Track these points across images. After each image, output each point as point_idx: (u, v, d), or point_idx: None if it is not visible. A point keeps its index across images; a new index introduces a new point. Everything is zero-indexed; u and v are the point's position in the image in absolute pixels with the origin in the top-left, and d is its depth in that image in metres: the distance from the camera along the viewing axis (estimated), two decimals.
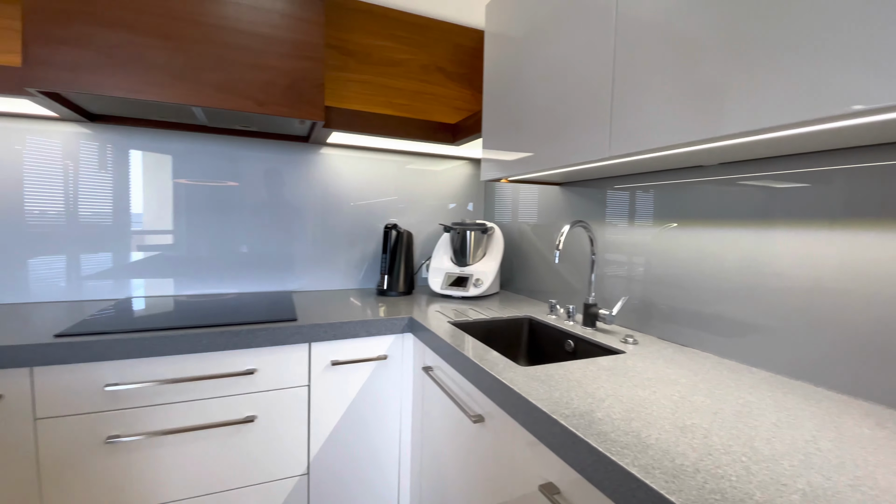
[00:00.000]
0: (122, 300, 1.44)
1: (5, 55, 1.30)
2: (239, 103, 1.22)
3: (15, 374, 0.97)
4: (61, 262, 1.43)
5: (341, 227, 1.81)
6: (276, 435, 1.22)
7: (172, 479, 1.12)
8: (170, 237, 1.56)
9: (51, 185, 1.40)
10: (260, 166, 1.66)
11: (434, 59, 1.87)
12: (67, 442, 1.02)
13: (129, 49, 1.11)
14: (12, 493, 0.99)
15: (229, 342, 1.13)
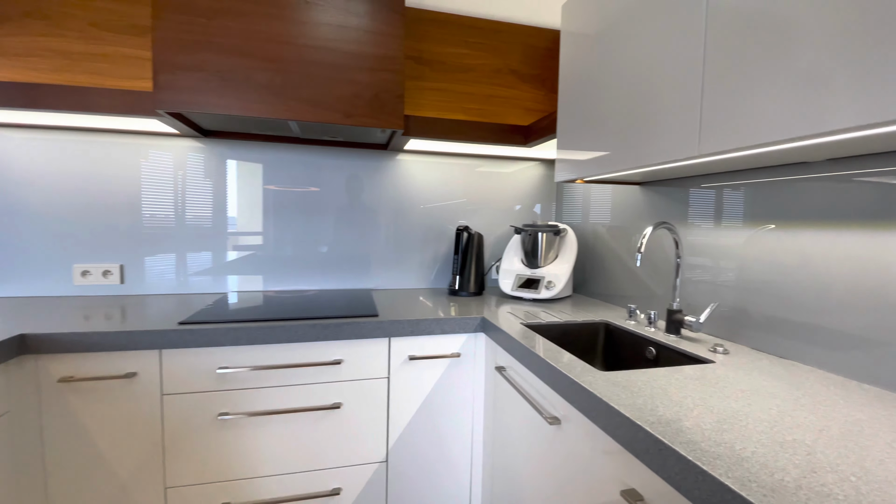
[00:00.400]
0: (225, 294, 1.63)
1: (140, 81, 1.53)
2: (329, 116, 1.33)
3: (147, 355, 1.15)
4: (171, 260, 1.65)
5: (414, 229, 1.88)
6: (359, 422, 1.31)
7: (270, 455, 1.24)
8: (259, 238, 1.73)
9: (164, 193, 1.62)
10: (340, 173, 1.78)
11: (506, 61, 1.88)
12: (186, 416, 1.18)
13: (238, 72, 1.25)
14: (142, 456, 1.16)
15: (320, 334, 1.23)
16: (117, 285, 1.59)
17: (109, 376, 1.11)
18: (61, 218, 1.54)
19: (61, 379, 1.09)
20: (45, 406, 1.10)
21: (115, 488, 1.15)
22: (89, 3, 1.49)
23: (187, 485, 1.20)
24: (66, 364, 1.10)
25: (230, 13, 1.24)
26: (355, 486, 1.32)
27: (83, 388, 1.11)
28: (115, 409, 1.13)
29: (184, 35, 1.22)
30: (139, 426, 1.15)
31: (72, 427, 1.11)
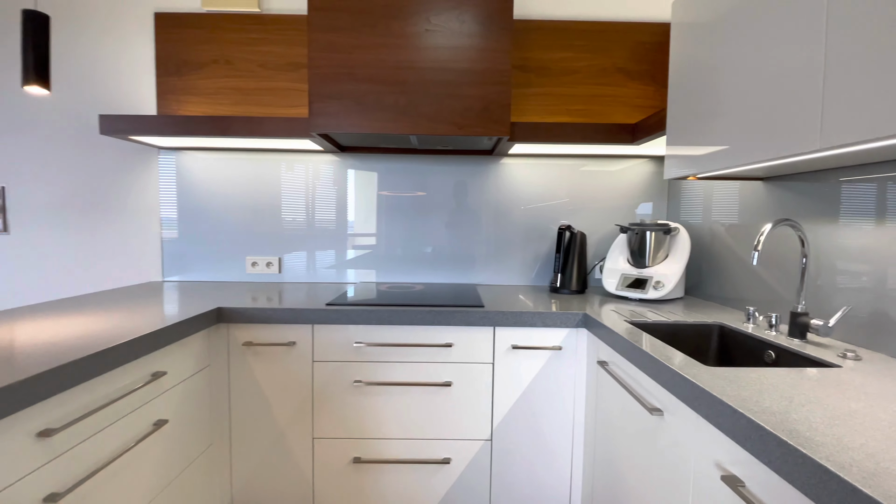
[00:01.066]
0: (352, 284, 1.91)
1: (296, 109, 1.88)
2: (444, 129, 1.50)
3: (303, 329, 1.43)
4: (303, 256, 1.98)
5: (516, 228, 1.98)
6: (467, 401, 1.46)
7: (393, 420, 1.45)
8: (373, 239, 1.98)
9: (306, 200, 1.95)
10: (446, 178, 1.95)
11: (612, 60, 1.88)
12: (330, 380, 1.44)
13: (371, 97, 1.49)
14: (296, 411, 1.45)
15: (434, 319, 1.41)
16: (276, 274, 1.97)
17: (277, 343, 1.42)
18: (237, 221, 1.96)
19: (244, 343, 1.42)
20: (233, 362, 1.44)
21: (277, 431, 1.45)
22: (258, 49, 1.87)
23: (329, 437, 1.46)
24: (247, 332, 1.43)
25: (365, 48, 1.48)
26: (463, 458, 1.47)
27: (259, 351, 1.43)
28: (280, 370, 1.44)
29: (330, 70, 1.49)
30: (296, 385, 1.44)
31: (249, 380, 1.44)
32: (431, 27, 1.49)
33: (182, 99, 1.88)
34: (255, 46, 1.87)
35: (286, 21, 1.86)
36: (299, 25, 1.86)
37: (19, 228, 1.95)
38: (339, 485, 1.47)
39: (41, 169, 1.93)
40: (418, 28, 1.49)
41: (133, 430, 1.06)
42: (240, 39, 1.86)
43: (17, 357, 0.87)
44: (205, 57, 1.88)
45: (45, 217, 1.95)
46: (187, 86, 1.88)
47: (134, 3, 1.88)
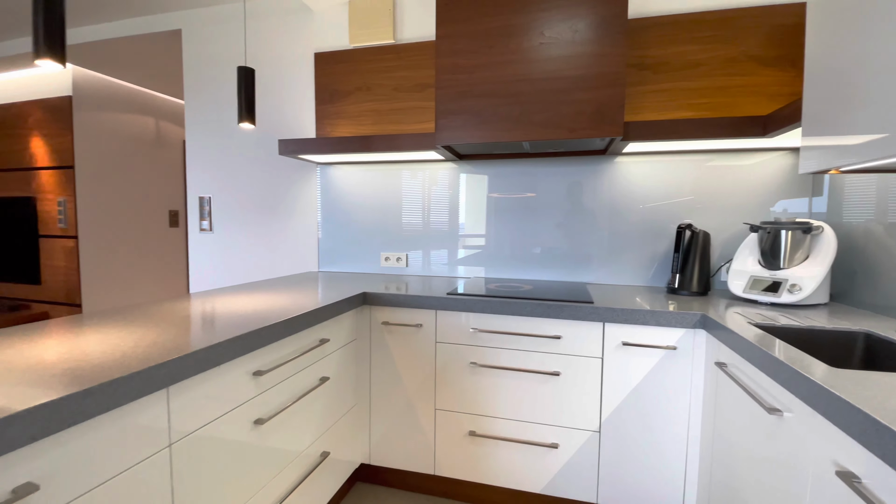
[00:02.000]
0: (466, 279, 2.10)
1: (423, 124, 2.14)
2: (557, 133, 1.60)
3: (428, 314, 1.66)
4: (424, 253, 2.22)
5: (631, 228, 1.97)
6: (575, 392, 1.53)
7: (504, 402, 1.60)
8: (482, 239, 2.14)
9: (427, 203, 2.19)
10: (556, 178, 2.02)
11: (743, 48, 1.77)
12: (450, 359, 1.65)
13: (489, 109, 1.66)
14: (422, 383, 1.68)
15: (543, 312, 1.52)
16: (403, 267, 2.26)
17: (407, 324, 1.67)
18: (373, 222, 2.30)
19: (382, 322, 1.70)
20: (373, 338, 1.73)
21: (406, 400, 1.71)
22: (393, 75, 2.18)
23: (448, 410, 1.66)
24: (385, 313, 1.71)
25: (484, 67, 1.66)
26: (570, 445, 1.55)
27: (393, 330, 1.70)
28: (409, 347, 1.69)
29: (453, 89, 1.70)
30: (422, 361, 1.68)
31: (386, 354, 1.72)
32: (545, 40, 1.61)
33: (334, 122, 2.28)
34: (390, 73, 2.18)
35: (415, 48, 2.13)
36: (426, 51, 2.12)
37: (220, 228, 2.56)
38: (456, 453, 1.67)
39: (235, 183, 2.51)
40: (532, 43, 1.61)
41: (307, 381, 1.38)
42: (378, 68, 2.19)
43: (234, 320, 1.23)
44: (351, 86, 2.25)
45: (237, 219, 2.52)
46: (337, 111, 2.27)
47: (302, 48, 2.34)
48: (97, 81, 3.34)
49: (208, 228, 2.57)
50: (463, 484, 1.74)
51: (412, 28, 2.15)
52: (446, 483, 1.76)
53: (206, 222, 2.57)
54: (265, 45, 2.41)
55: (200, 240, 2.60)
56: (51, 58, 0.91)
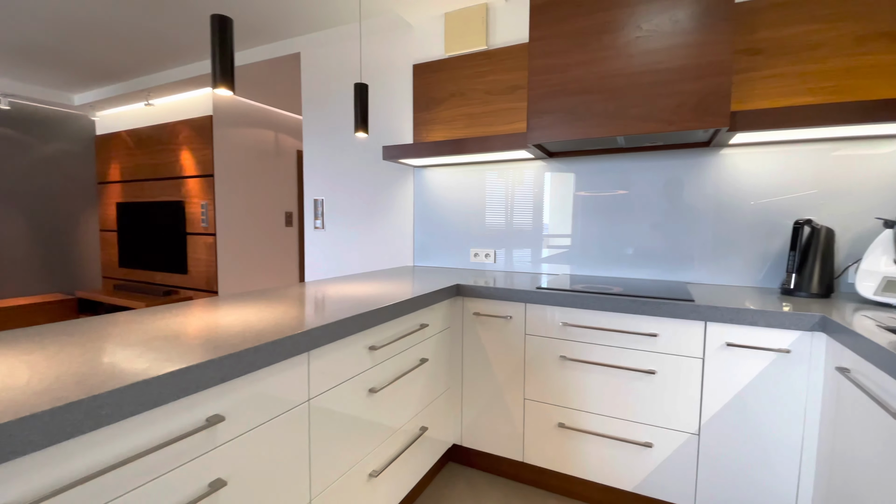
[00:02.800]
0: (555, 276, 2.12)
1: (513, 125, 2.22)
2: (655, 127, 1.58)
3: (518, 306, 1.73)
4: (511, 250, 2.27)
5: (737, 224, 1.84)
6: (672, 392, 1.50)
7: (595, 397, 1.61)
8: (568, 240, 2.13)
9: (507, 202, 2.25)
10: (651, 174, 1.96)
11: (875, 24, 1.58)
12: (539, 352, 1.70)
13: (582, 106, 1.69)
14: (511, 373, 1.75)
15: (639, 308, 1.51)
16: (492, 263, 2.35)
17: (497, 315, 1.76)
18: (463, 220, 2.42)
19: (474, 313, 1.81)
20: (465, 327, 1.84)
21: (496, 387, 1.79)
22: (485, 79, 2.29)
23: (537, 400, 1.72)
24: (476, 304, 1.81)
25: (577, 65, 1.69)
26: (665, 446, 1.52)
27: (484, 320, 1.80)
28: (499, 338, 1.77)
29: (545, 89, 1.75)
30: (511, 352, 1.75)
31: (477, 342, 1.82)
32: (642, 33, 1.59)
33: (429, 128, 2.45)
34: (482, 77, 2.28)
35: (506, 52, 2.21)
36: (517, 54, 2.19)
37: (331, 226, 2.87)
38: (545, 443, 1.71)
39: (344, 186, 2.80)
40: (629, 37, 1.61)
41: (409, 360, 1.53)
42: (470, 74, 2.31)
43: (352, 302, 1.41)
44: (445, 92, 2.40)
45: (344, 218, 2.81)
46: (433, 117, 2.44)
47: (402, 62, 2.55)
48: (231, 102, 3.92)
49: (321, 226, 2.90)
50: (551, 474, 1.78)
51: (503, 33, 2.23)
52: (535, 471, 1.81)
53: (318, 221, 2.90)
54: (370, 60, 2.66)
55: (314, 236, 2.94)
56: (225, 86, 1.17)
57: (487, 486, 1.81)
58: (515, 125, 2.22)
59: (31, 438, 0.58)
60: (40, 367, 0.76)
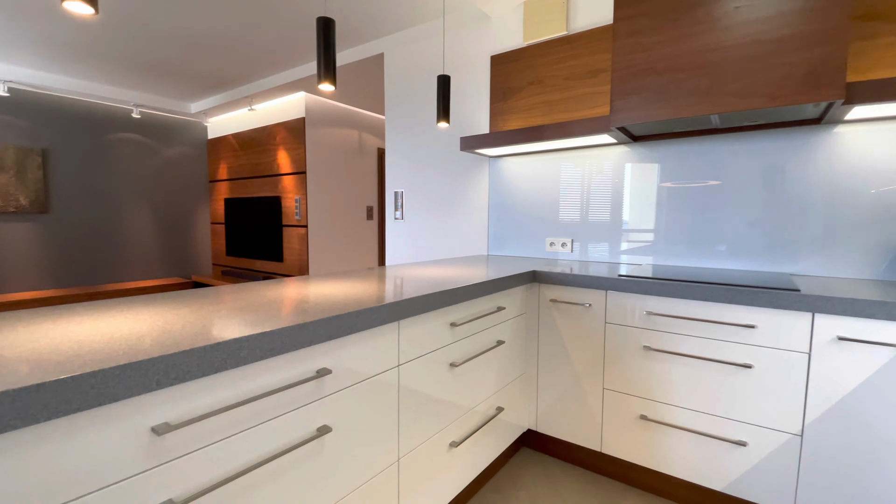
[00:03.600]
0: (640, 265, 2.04)
1: (594, 110, 2.17)
2: (755, 103, 1.46)
3: (597, 294, 1.70)
4: (589, 240, 2.21)
5: (856, 212, 1.64)
6: (770, 388, 1.39)
7: (681, 390, 1.54)
8: (650, 234, 2.03)
9: (593, 189, 2.19)
10: (750, 158, 1.80)
11: None
12: (620, 341, 1.66)
13: (671, 85, 1.61)
14: (589, 361, 1.73)
15: (733, 297, 1.42)
16: (568, 252, 2.32)
17: (576, 303, 1.74)
18: (539, 210, 2.42)
19: (551, 300, 1.81)
20: (542, 314, 1.85)
21: (573, 374, 1.78)
22: (564, 64, 2.26)
23: (617, 391, 1.68)
24: (553, 291, 1.81)
25: (666, 42, 1.61)
26: (762, 446, 1.41)
27: (562, 307, 1.79)
28: (577, 325, 1.76)
29: (631, 70, 1.69)
30: (590, 340, 1.73)
31: (553, 329, 1.82)
32: (742, 3, 1.48)
33: (506, 118, 2.47)
34: (562, 63, 2.26)
35: (587, 36, 2.17)
36: (599, 36, 2.13)
37: (410, 217, 3.01)
38: (625, 435, 1.67)
39: (422, 178, 2.92)
40: (726, 9, 1.50)
41: (487, 340, 1.58)
42: (549, 61, 2.30)
43: (433, 283, 1.49)
44: (523, 81, 2.40)
45: (422, 209, 2.94)
46: (509, 107, 2.46)
47: (481, 53, 2.60)
48: (320, 104, 4.24)
49: (400, 217, 3.05)
50: (631, 467, 1.73)
51: (584, 17, 2.19)
52: (613, 463, 1.78)
53: (398, 212, 3.06)
54: (448, 55, 2.74)
55: (394, 227, 3.11)
56: (328, 82, 1.31)
57: (563, 474, 1.80)
58: (596, 110, 2.16)
59: (188, 369, 0.72)
60: (188, 318, 0.92)
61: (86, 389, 0.60)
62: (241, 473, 0.80)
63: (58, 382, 0.58)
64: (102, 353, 0.68)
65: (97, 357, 0.66)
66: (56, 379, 0.58)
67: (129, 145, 4.73)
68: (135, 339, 0.76)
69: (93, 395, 0.61)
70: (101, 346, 0.72)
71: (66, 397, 0.58)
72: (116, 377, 0.63)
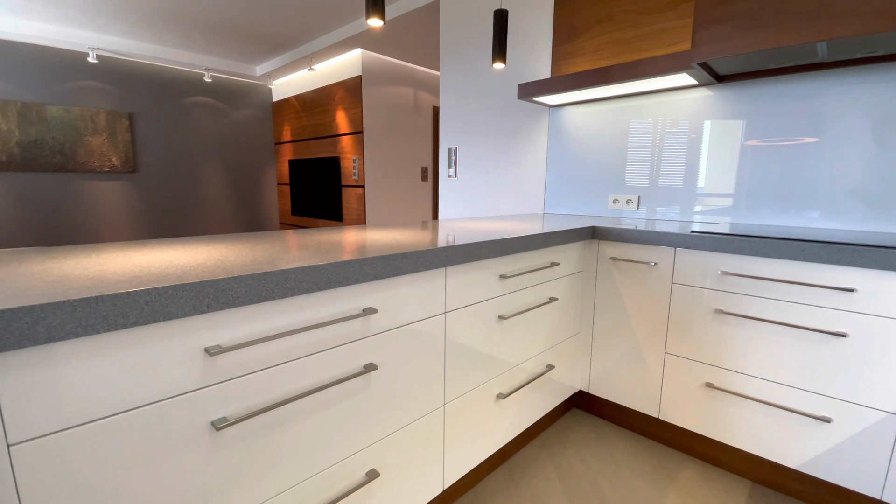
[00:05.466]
0: (718, 223, 1.84)
1: (671, 48, 1.93)
2: (872, 25, 1.20)
3: (665, 252, 1.56)
4: (657, 197, 2.01)
5: None
6: (867, 361, 1.21)
7: (756, 357, 1.39)
8: (729, 199, 1.80)
9: (653, 143, 1.97)
10: (860, 101, 1.51)
11: None
12: (688, 303, 1.52)
13: (769, 8, 1.37)
14: (650, 323, 1.61)
15: (829, 256, 1.23)
16: (634, 210, 2.15)
17: (639, 261, 1.61)
18: (601, 164, 2.24)
19: (611, 258, 1.69)
20: (600, 272, 1.74)
21: (631, 337, 1.68)
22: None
23: (680, 356, 1.56)
24: (614, 249, 1.69)
25: None
26: (850, 424, 1.25)
27: (623, 266, 1.67)
28: (639, 285, 1.63)
29: None
30: (653, 301, 1.61)
31: (612, 289, 1.71)
32: None
33: (570, 61, 2.28)
34: None
35: None
36: None
37: (463, 174, 2.94)
38: (687, 402, 1.56)
39: (477, 133, 2.82)
40: None
41: (538, 296, 1.52)
42: None
43: (484, 233, 1.43)
44: (590, 19, 2.18)
45: (475, 166, 2.85)
46: (574, 49, 2.25)
47: None
48: (376, 61, 4.19)
49: (454, 175, 2.99)
50: (691, 436, 1.63)
51: None
52: (671, 430, 1.68)
53: (452, 170, 2.99)
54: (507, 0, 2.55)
55: (447, 184, 3.05)
56: (376, 16, 1.26)
57: (616, 437, 1.74)
58: (675, 47, 1.92)
59: (237, 295, 0.73)
60: (243, 252, 0.95)
61: (141, 306, 0.63)
62: (289, 400, 0.83)
63: (115, 296, 0.61)
64: (159, 276, 0.71)
65: (153, 279, 0.69)
66: (113, 293, 0.60)
67: (203, 108, 5.01)
68: (191, 266, 0.79)
69: (148, 312, 0.64)
70: (159, 270, 0.75)
71: (123, 311, 0.61)
72: (169, 296, 0.65)
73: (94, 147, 4.33)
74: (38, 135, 4.03)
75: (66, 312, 0.57)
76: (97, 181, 4.43)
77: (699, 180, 1.93)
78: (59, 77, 4.12)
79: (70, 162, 4.22)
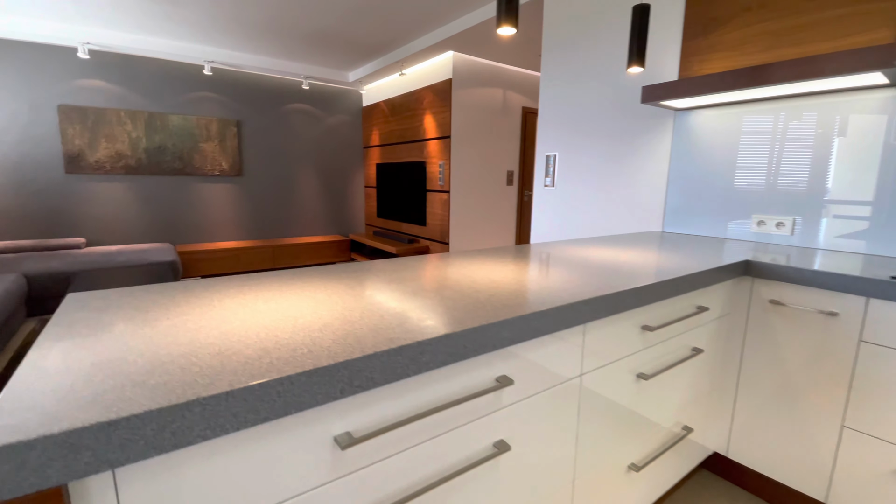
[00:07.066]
0: None
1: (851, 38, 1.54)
2: None
3: (852, 300, 1.22)
4: (819, 219, 1.61)
5: None
6: None
7: None
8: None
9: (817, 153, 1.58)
10: None
11: None
12: (883, 369, 1.18)
13: None
14: (822, 388, 1.29)
15: None
16: (787, 235, 1.78)
17: (812, 309, 1.29)
18: (742, 178, 1.89)
19: (771, 300, 1.38)
20: (752, 316, 1.44)
21: (790, 400, 1.36)
22: None
23: (865, 433, 1.22)
24: (775, 290, 1.38)
25: None
26: None
27: (786, 312, 1.36)
28: (808, 338, 1.31)
29: None
30: (828, 362, 1.28)
31: (766, 337, 1.40)
32: None
33: (705, 57, 1.94)
34: None
35: None
36: None
37: (562, 184, 2.70)
38: (869, 490, 1.23)
39: (581, 140, 2.56)
40: None
41: (682, 347, 1.27)
42: None
43: (616, 272, 1.21)
44: (734, 7, 1.84)
45: (579, 176, 2.59)
46: (711, 43, 1.92)
47: None
48: (467, 63, 4.06)
49: (550, 185, 2.76)
50: None
51: None
52: None
53: (548, 179, 2.77)
54: None
55: (543, 194, 2.83)
56: (508, 24, 1.10)
57: None
58: (850, 39, 1.53)
59: (371, 376, 0.62)
60: (365, 304, 0.84)
61: (273, 398, 0.53)
62: (420, 492, 0.70)
63: (246, 390, 0.51)
64: (287, 347, 0.62)
65: (283, 355, 0.60)
66: (245, 387, 0.51)
67: (300, 115, 5.25)
68: (317, 329, 0.70)
69: (280, 405, 0.54)
70: (286, 337, 0.66)
71: (254, 406, 0.52)
72: (303, 384, 0.55)
73: (208, 152, 4.71)
74: (161, 142, 4.46)
75: (195, 414, 0.48)
76: (209, 184, 4.82)
77: (884, 203, 1.53)
78: (180, 88, 4.53)
79: (187, 166, 4.63)
